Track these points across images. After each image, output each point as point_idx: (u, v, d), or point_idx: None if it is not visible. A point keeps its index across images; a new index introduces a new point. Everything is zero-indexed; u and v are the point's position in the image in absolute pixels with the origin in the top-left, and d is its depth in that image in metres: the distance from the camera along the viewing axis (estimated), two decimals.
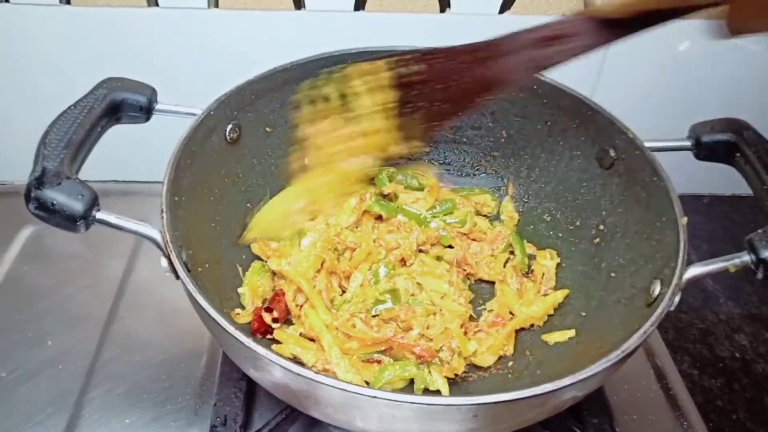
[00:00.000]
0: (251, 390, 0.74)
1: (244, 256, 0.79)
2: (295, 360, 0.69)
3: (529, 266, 0.82)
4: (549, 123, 0.82)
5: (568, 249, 0.81)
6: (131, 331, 0.83)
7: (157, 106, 0.71)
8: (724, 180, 0.72)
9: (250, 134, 0.79)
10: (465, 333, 0.74)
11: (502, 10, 0.91)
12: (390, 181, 0.88)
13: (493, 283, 0.81)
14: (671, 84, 1.00)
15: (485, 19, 0.92)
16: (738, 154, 0.68)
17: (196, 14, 0.89)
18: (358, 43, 0.82)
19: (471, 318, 0.76)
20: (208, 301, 0.54)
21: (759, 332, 0.92)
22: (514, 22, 0.91)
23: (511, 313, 0.76)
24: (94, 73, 0.70)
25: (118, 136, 0.69)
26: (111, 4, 0.88)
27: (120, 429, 0.72)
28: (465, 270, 0.81)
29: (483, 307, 0.79)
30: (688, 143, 0.72)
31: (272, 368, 0.52)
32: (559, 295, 0.76)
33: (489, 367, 0.73)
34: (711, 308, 0.95)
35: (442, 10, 0.91)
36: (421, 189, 0.88)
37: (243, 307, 0.74)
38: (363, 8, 0.90)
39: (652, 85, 1.00)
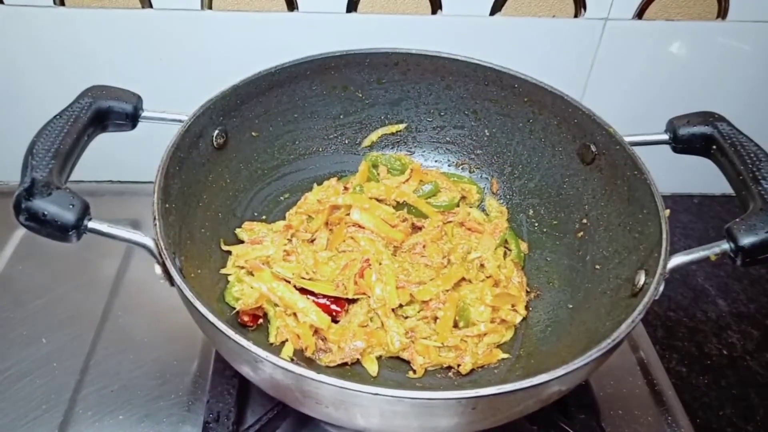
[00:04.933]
0: (243, 387, 0.74)
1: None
2: (293, 361, 0.70)
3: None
4: (530, 120, 0.84)
5: (552, 243, 0.83)
6: (125, 329, 0.83)
7: (143, 114, 0.71)
8: (714, 179, 0.74)
9: (237, 139, 0.80)
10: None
11: (492, 12, 0.93)
12: (374, 166, 0.90)
13: None
14: (662, 83, 1.02)
15: (476, 21, 0.93)
16: (714, 147, 0.70)
17: (189, 15, 0.90)
18: (351, 45, 0.83)
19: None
20: (208, 308, 0.54)
21: (747, 330, 0.94)
22: (505, 23, 0.93)
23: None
24: (88, 74, 0.70)
25: (109, 136, 0.70)
26: (105, 5, 0.88)
27: (114, 425, 0.73)
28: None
29: None
30: (665, 137, 0.73)
31: (273, 371, 0.52)
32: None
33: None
34: (700, 306, 0.97)
35: (434, 12, 0.92)
36: (403, 171, 0.90)
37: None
38: (355, 10, 0.91)
39: (643, 84, 1.02)
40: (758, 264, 0.60)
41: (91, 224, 0.58)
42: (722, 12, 0.95)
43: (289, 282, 0.74)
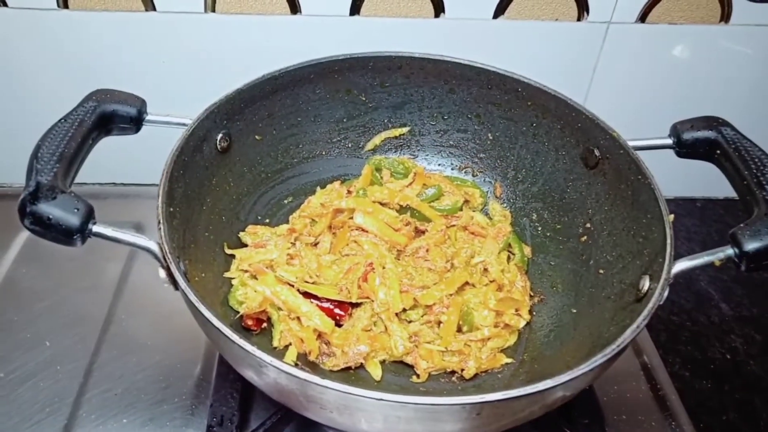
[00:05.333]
0: (247, 390, 0.74)
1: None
2: (297, 365, 0.70)
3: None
4: (534, 125, 0.84)
5: (556, 247, 0.83)
6: (129, 332, 0.83)
7: (147, 117, 0.71)
8: (716, 182, 0.74)
9: (240, 143, 0.80)
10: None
11: (495, 16, 0.92)
12: (378, 170, 0.90)
13: None
14: (665, 87, 1.02)
15: (479, 24, 0.93)
16: (718, 151, 0.70)
17: (193, 18, 0.90)
18: (354, 48, 0.83)
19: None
20: (212, 312, 0.54)
21: (750, 334, 0.93)
22: (508, 27, 0.93)
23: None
24: (91, 77, 0.70)
25: (112, 138, 0.70)
26: (108, 8, 0.88)
27: (117, 429, 0.73)
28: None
29: None
30: (669, 141, 0.73)
31: (278, 375, 0.52)
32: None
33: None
34: (703, 311, 0.96)
35: (437, 15, 0.92)
36: (406, 175, 0.90)
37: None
38: (358, 13, 0.91)
39: (646, 88, 1.02)
40: (763, 269, 0.60)
41: (95, 228, 0.58)
42: (725, 16, 0.95)
43: (293, 286, 0.74)
